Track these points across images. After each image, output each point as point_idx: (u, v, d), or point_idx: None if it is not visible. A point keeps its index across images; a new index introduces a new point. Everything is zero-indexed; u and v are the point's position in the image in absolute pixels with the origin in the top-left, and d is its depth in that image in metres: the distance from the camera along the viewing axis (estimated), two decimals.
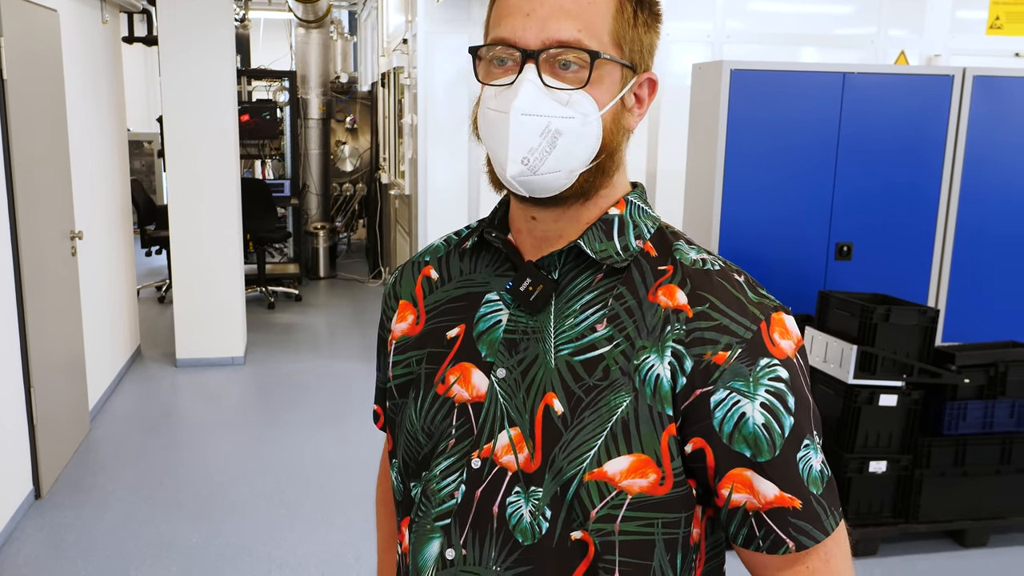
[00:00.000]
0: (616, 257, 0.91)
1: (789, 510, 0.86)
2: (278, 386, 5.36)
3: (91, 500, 3.70)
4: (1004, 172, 4.10)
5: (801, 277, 3.99)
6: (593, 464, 0.86)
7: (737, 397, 0.85)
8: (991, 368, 3.34)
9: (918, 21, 5.73)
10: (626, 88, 0.90)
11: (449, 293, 1.00)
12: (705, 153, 3.92)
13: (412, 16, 5.64)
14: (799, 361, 0.89)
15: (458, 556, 0.93)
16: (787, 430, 0.86)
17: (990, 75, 4.02)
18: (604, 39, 0.87)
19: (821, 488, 0.88)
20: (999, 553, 3.39)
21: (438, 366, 0.97)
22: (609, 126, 0.89)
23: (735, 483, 0.87)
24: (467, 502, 0.92)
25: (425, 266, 1.05)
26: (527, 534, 0.89)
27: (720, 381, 0.85)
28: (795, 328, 0.90)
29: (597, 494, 0.86)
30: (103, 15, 5.08)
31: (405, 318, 1.03)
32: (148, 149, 10.10)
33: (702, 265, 0.91)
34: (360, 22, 11.04)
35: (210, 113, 5.30)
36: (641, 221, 0.95)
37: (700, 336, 0.86)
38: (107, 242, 5.10)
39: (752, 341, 0.86)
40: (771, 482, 0.86)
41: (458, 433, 0.94)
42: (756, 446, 0.85)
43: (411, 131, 5.76)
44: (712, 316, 0.87)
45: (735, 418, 0.85)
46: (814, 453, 0.88)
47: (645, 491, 0.86)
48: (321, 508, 3.68)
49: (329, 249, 8.61)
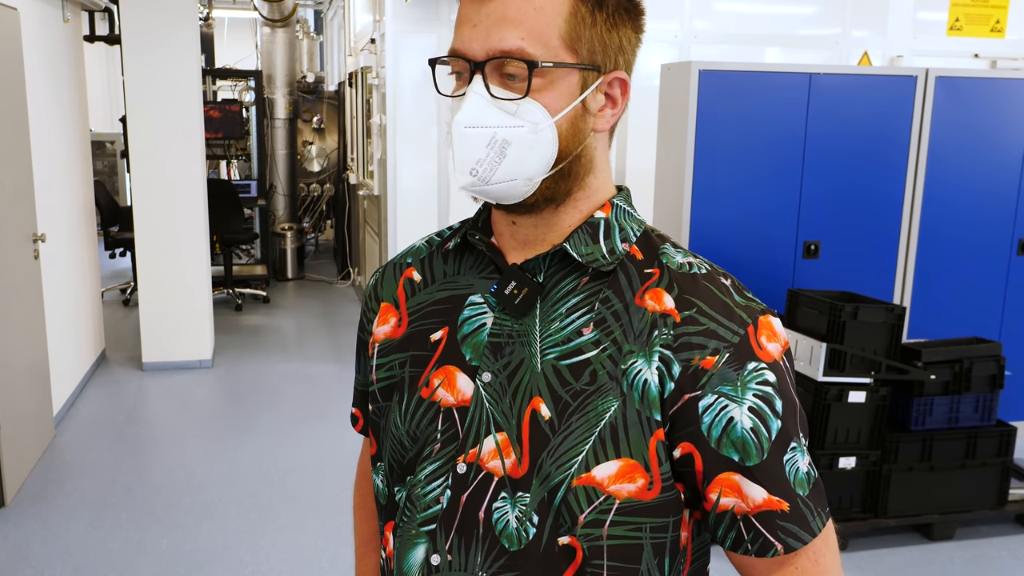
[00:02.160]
0: (602, 260, 0.90)
1: (777, 513, 0.86)
2: (247, 389, 5.31)
3: (57, 508, 3.64)
4: (966, 171, 4.18)
5: (770, 275, 4.03)
6: (581, 469, 0.85)
7: (725, 402, 0.85)
8: (956, 364, 3.40)
9: (881, 22, 5.82)
10: (588, 90, 0.88)
11: (432, 295, 0.99)
12: (674, 153, 3.94)
13: (380, 16, 5.61)
14: (785, 364, 0.89)
15: (443, 562, 0.92)
16: (774, 433, 0.86)
17: (952, 76, 4.09)
18: (553, 44, 0.85)
19: (807, 490, 0.88)
20: (965, 546, 3.45)
21: (422, 369, 0.96)
22: (566, 131, 0.87)
23: (723, 487, 0.86)
24: (452, 507, 0.91)
25: (407, 268, 1.04)
26: (513, 540, 0.88)
27: (708, 386, 0.85)
28: (782, 331, 0.90)
29: (585, 499, 0.86)
30: (64, 14, 4.99)
31: (387, 320, 1.02)
32: (110, 150, 9.94)
33: (688, 269, 0.91)
34: (326, 21, 10.95)
35: (175, 113, 5.23)
36: (627, 224, 0.94)
37: (688, 341, 0.86)
38: (70, 244, 5.02)
39: (739, 345, 0.86)
40: (759, 486, 0.86)
41: (443, 438, 0.93)
42: (744, 450, 0.85)
43: (380, 131, 5.73)
44: (699, 321, 0.87)
45: (723, 423, 0.85)
46: (800, 455, 0.88)
47: (633, 496, 0.86)
48: (293, 512, 3.65)
49: (297, 250, 8.55)
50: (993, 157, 4.19)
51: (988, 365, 3.43)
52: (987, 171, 4.20)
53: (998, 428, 3.47)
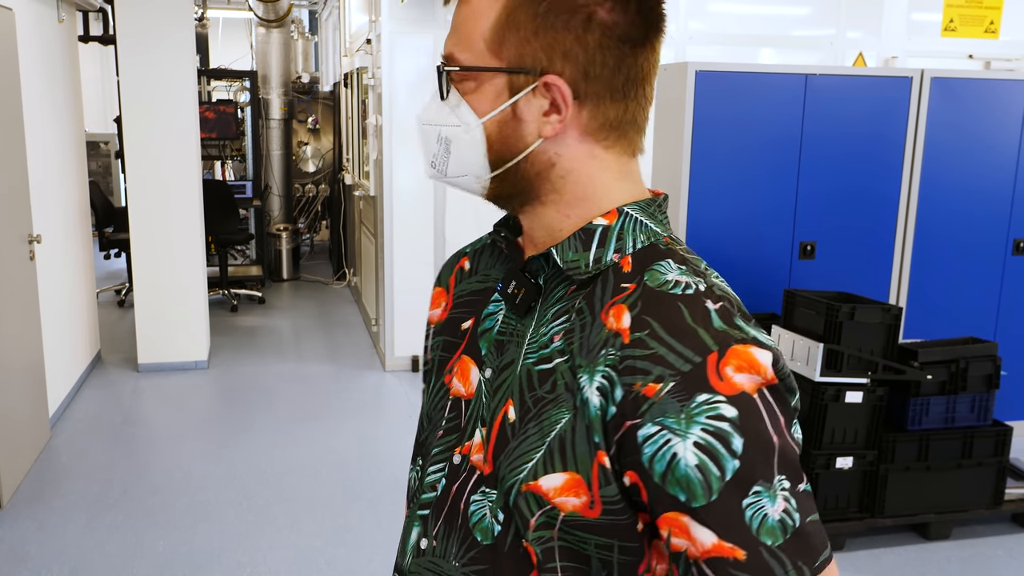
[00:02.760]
0: (583, 269, 0.88)
1: (730, 561, 0.77)
2: (243, 390, 5.30)
3: (53, 510, 3.63)
4: (961, 172, 4.19)
5: (766, 276, 4.04)
6: (530, 476, 0.85)
7: (668, 435, 0.77)
8: (952, 364, 3.41)
9: (875, 23, 5.84)
10: (519, 95, 0.86)
11: (471, 286, 1.02)
12: (671, 153, 3.95)
13: (376, 16, 5.60)
14: (764, 400, 0.78)
15: (429, 547, 0.95)
16: (728, 473, 0.76)
17: (947, 77, 4.11)
18: (479, 48, 0.85)
19: (781, 539, 0.77)
20: (962, 545, 3.46)
21: (450, 355, 0.99)
22: (495, 135, 0.87)
23: (672, 527, 0.80)
24: (444, 495, 0.94)
25: (463, 257, 1.07)
26: (486, 534, 0.89)
27: (648, 415, 0.78)
28: (766, 363, 0.79)
29: (536, 504, 0.85)
30: (59, 14, 4.98)
31: (439, 304, 1.06)
32: (105, 150, 9.92)
33: (671, 288, 0.83)
34: (321, 22, 10.94)
35: (170, 114, 5.22)
36: (633, 234, 0.89)
37: (632, 364, 0.80)
38: (66, 245, 5.00)
39: (689, 375, 0.78)
40: (707, 529, 0.78)
41: (447, 426, 0.96)
42: (689, 489, 0.77)
43: (376, 132, 5.73)
44: (648, 344, 0.80)
45: (667, 458, 0.78)
46: (769, 501, 0.77)
47: (578, 511, 0.83)
48: (290, 513, 3.64)
49: (292, 251, 8.54)
50: (988, 158, 4.21)
51: (984, 365, 3.44)
52: (982, 172, 4.22)
53: (994, 428, 3.48)
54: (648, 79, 0.88)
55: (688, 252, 0.89)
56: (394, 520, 3.58)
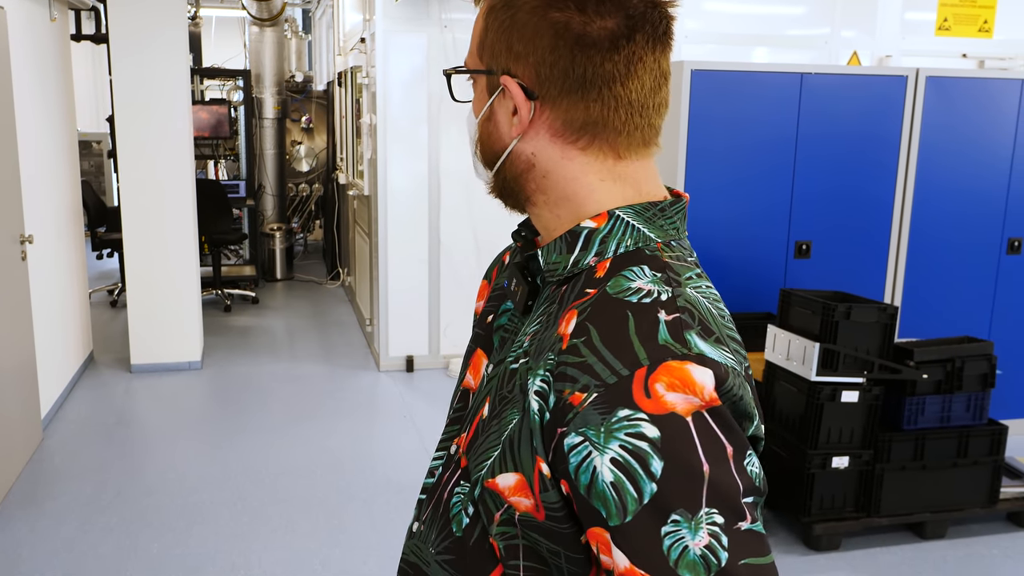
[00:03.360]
0: (560, 271, 0.88)
1: None
2: (237, 390, 5.27)
3: (46, 512, 3.60)
4: (956, 171, 4.20)
5: (762, 275, 4.04)
6: (488, 474, 0.85)
7: (589, 448, 0.75)
8: (948, 363, 3.41)
9: (869, 22, 5.84)
10: (492, 97, 0.89)
11: (502, 280, 1.04)
12: (666, 152, 3.94)
13: (370, 15, 5.58)
14: (698, 423, 0.74)
15: (418, 530, 0.98)
16: (645, 497, 0.72)
17: (942, 76, 4.11)
18: (474, 53, 0.91)
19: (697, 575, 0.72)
20: (957, 545, 3.46)
21: (476, 346, 1.02)
22: (482, 134, 0.92)
23: (597, 543, 0.77)
24: (437, 483, 0.97)
25: (506, 251, 1.10)
26: (460, 525, 0.91)
27: (573, 424, 0.76)
28: (703, 382, 0.74)
29: (498, 500, 0.85)
30: (51, 12, 4.95)
31: (483, 296, 1.08)
32: (97, 149, 9.87)
33: (629, 295, 0.80)
34: (314, 20, 10.91)
35: (163, 113, 5.19)
36: (621, 238, 0.86)
37: (564, 371, 0.78)
38: (58, 245, 4.97)
39: (613, 388, 0.75)
40: (621, 551, 0.74)
41: (454, 416, 1.00)
42: (606, 507, 0.74)
43: (370, 131, 5.71)
44: (580, 351, 0.78)
45: (590, 471, 0.75)
46: (690, 534, 0.72)
47: (529, 511, 0.82)
48: (285, 514, 3.62)
49: (286, 251, 8.51)
50: (982, 156, 4.21)
51: (979, 364, 3.44)
52: (977, 170, 4.22)
53: (989, 427, 3.49)
54: (616, 80, 0.83)
55: (678, 259, 0.85)
56: (388, 521, 3.56)
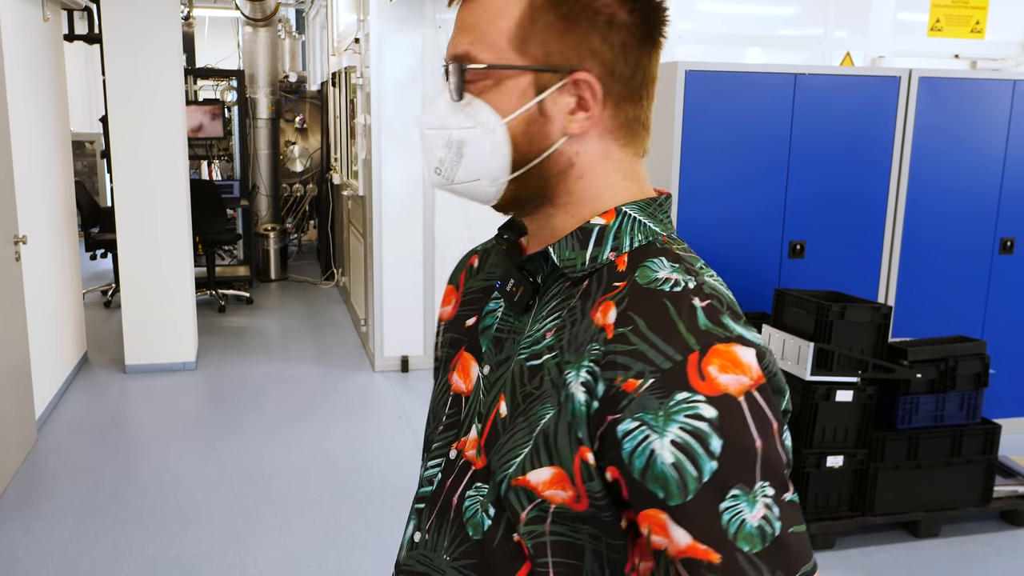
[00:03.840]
0: (578, 268, 0.89)
1: (704, 563, 0.76)
2: (232, 391, 5.27)
3: (40, 513, 3.59)
4: (949, 171, 4.21)
5: (756, 275, 4.05)
6: (518, 471, 0.86)
7: (647, 431, 0.77)
8: (942, 363, 3.43)
9: (862, 23, 5.85)
10: (545, 93, 0.86)
11: (477, 283, 1.04)
12: (661, 153, 3.95)
13: (364, 15, 5.58)
14: (750, 402, 0.78)
15: (422, 540, 0.96)
16: (706, 475, 0.76)
17: (935, 76, 4.13)
18: (501, 47, 0.85)
19: (759, 547, 0.76)
20: (951, 543, 3.48)
21: (456, 352, 1.01)
22: (521, 134, 0.86)
23: (651, 525, 0.80)
24: (439, 490, 0.96)
25: (473, 255, 1.09)
26: (477, 529, 0.90)
27: (628, 410, 0.78)
28: (750, 362, 0.79)
29: (526, 498, 0.85)
30: (44, 12, 4.93)
31: (450, 301, 1.07)
32: (90, 150, 9.84)
33: (659, 285, 0.83)
34: (308, 20, 10.89)
35: (157, 113, 5.18)
36: (631, 234, 0.89)
37: (613, 360, 0.80)
38: (52, 246, 4.96)
39: (669, 372, 0.78)
40: (683, 529, 0.77)
41: (448, 422, 0.98)
42: (666, 488, 0.77)
43: (364, 131, 5.70)
44: (630, 340, 0.80)
45: (646, 454, 0.77)
46: (748, 506, 0.76)
47: (566, 503, 0.83)
48: (280, 515, 3.62)
49: (280, 251, 8.50)
50: (975, 157, 4.23)
51: (973, 363, 3.46)
52: (969, 171, 4.24)
53: (983, 426, 3.50)
54: (656, 80, 0.90)
55: (685, 251, 0.89)
56: (384, 521, 3.57)
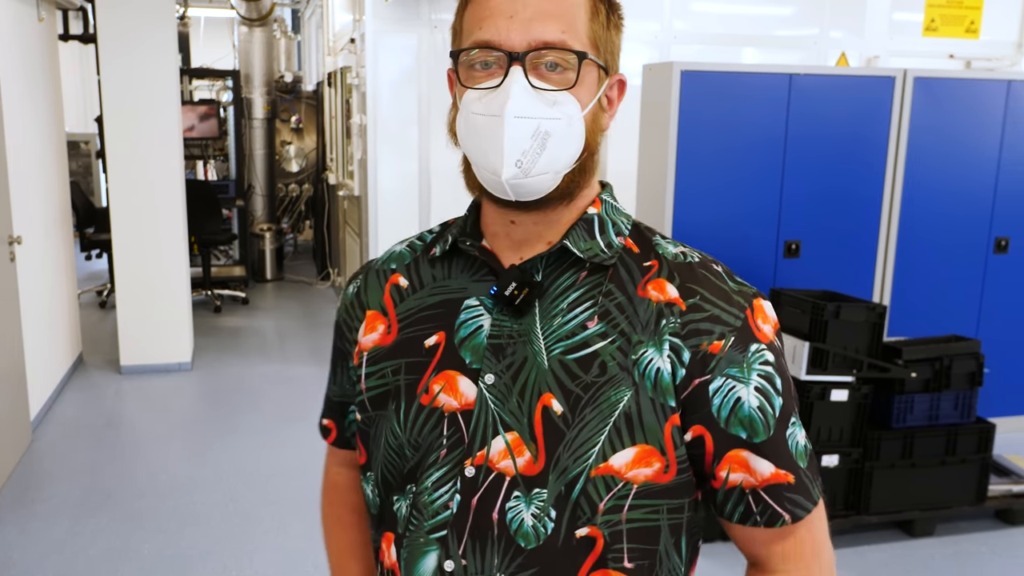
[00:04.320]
0: (603, 255, 0.93)
1: (784, 485, 0.91)
2: (228, 392, 5.26)
3: (36, 515, 3.59)
4: (943, 171, 4.22)
5: (751, 274, 4.05)
6: (599, 460, 0.88)
7: (733, 383, 0.89)
8: (936, 362, 3.43)
9: (858, 23, 5.87)
10: (602, 89, 0.92)
11: (423, 301, 0.98)
12: (657, 153, 3.96)
13: (360, 15, 5.58)
14: (778, 344, 0.94)
15: (458, 567, 0.91)
16: (778, 410, 0.90)
17: (930, 76, 4.14)
18: (584, 40, 0.88)
19: (807, 461, 0.93)
20: (945, 542, 3.49)
21: (419, 376, 0.95)
22: (590, 126, 0.90)
23: (732, 464, 0.91)
24: (464, 511, 0.91)
25: (392, 274, 1.03)
26: (529, 538, 0.89)
27: (717, 369, 0.89)
28: (772, 312, 0.94)
29: (604, 488, 0.88)
30: (39, 12, 4.92)
31: (375, 328, 1.01)
32: (85, 150, 9.82)
33: (684, 259, 0.95)
34: (304, 21, 10.88)
35: (152, 113, 5.17)
36: (617, 219, 0.97)
37: (695, 328, 0.90)
38: (46, 246, 4.95)
39: (742, 329, 0.90)
40: (767, 460, 0.90)
41: (449, 443, 0.93)
42: (752, 428, 0.90)
43: (360, 131, 5.70)
44: (704, 308, 0.90)
45: (731, 403, 0.89)
46: (798, 429, 0.93)
47: (650, 479, 0.89)
48: (277, 515, 3.62)
49: (276, 251, 8.49)
50: (969, 157, 4.24)
51: (967, 363, 3.47)
52: (964, 171, 4.25)
53: (977, 425, 3.51)
54: None
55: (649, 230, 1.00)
56: None
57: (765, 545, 0.95)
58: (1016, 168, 4.27)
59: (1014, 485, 3.64)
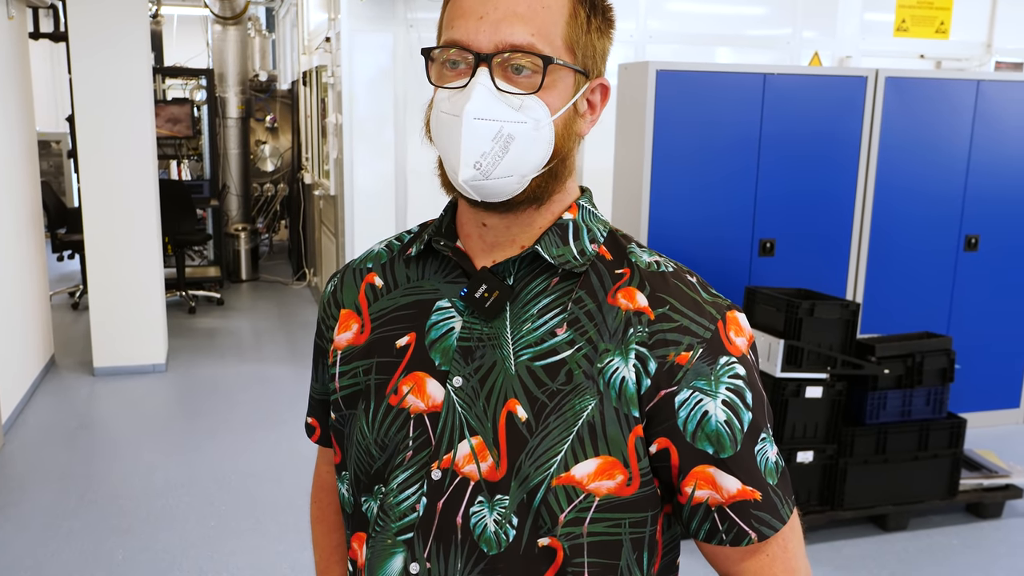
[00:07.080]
0: (574, 261, 0.91)
1: (750, 502, 0.89)
2: (203, 393, 5.22)
3: (7, 519, 3.54)
4: (915, 170, 4.28)
5: (727, 273, 4.08)
6: (560, 469, 0.86)
7: (700, 396, 0.87)
8: (908, 359, 3.48)
9: (830, 23, 5.93)
10: (579, 94, 0.90)
11: (396, 301, 0.98)
12: (632, 152, 3.97)
13: (335, 14, 5.55)
14: (752, 357, 0.91)
15: (422, 570, 0.91)
16: (746, 425, 0.88)
17: (901, 76, 4.19)
18: (557, 44, 0.86)
19: (776, 478, 0.91)
20: (919, 536, 3.53)
21: (389, 376, 0.95)
22: (561, 132, 0.88)
23: (698, 480, 0.88)
24: (429, 514, 0.91)
25: (368, 273, 1.03)
26: (492, 543, 0.88)
27: (684, 381, 0.87)
28: (747, 325, 0.92)
29: (565, 498, 0.86)
30: (8, 10, 4.86)
31: (349, 327, 1.01)
32: (56, 149, 9.70)
33: (656, 268, 0.93)
34: (278, 19, 10.81)
35: (125, 112, 5.12)
36: (593, 225, 0.95)
37: (663, 338, 0.88)
38: (18, 247, 4.89)
39: (711, 341, 0.88)
40: (733, 477, 0.88)
41: (415, 444, 0.92)
42: (719, 443, 0.87)
43: (336, 131, 5.68)
44: (672, 318, 0.89)
45: (698, 416, 0.87)
46: (769, 445, 0.90)
47: (613, 492, 0.87)
48: (253, 517, 3.60)
49: (251, 251, 8.43)
50: (940, 157, 4.30)
51: (939, 359, 3.52)
52: (935, 170, 4.30)
53: (949, 420, 3.56)
54: None
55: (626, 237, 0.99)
56: None
57: (735, 563, 0.93)
58: (985, 167, 4.34)
59: (984, 479, 3.69)
